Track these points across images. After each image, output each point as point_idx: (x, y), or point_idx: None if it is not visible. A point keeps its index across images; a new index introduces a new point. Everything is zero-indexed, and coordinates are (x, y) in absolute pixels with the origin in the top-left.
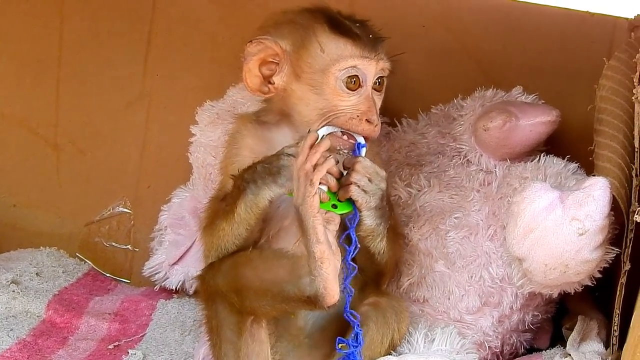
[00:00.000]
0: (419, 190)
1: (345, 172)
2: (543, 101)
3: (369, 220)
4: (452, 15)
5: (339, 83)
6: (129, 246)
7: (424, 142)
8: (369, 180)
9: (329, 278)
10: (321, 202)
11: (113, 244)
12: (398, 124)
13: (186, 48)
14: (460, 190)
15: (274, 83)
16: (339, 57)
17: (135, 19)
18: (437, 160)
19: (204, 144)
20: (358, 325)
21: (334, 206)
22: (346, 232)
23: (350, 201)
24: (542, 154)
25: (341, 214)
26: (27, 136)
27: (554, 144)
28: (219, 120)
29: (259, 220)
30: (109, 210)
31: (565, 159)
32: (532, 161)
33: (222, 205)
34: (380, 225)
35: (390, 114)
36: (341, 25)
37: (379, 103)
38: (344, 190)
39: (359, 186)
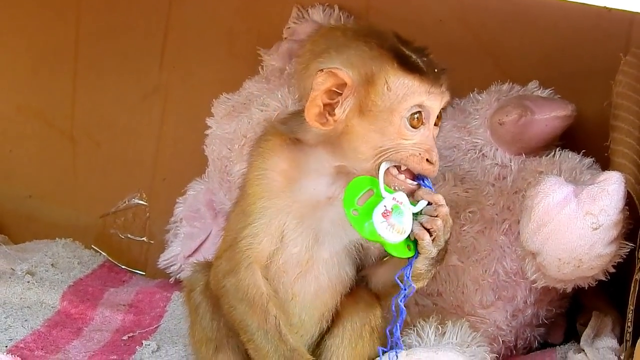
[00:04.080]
0: (433, 184)
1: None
2: (559, 96)
3: (422, 265)
4: (469, 10)
5: (404, 121)
6: (144, 238)
7: (439, 136)
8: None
9: None
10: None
11: (128, 235)
12: None
13: (202, 41)
14: (475, 184)
15: (335, 115)
16: (406, 95)
17: (152, 12)
18: (453, 154)
19: (220, 137)
20: None
21: (409, 247)
22: (401, 270)
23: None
24: (558, 149)
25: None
26: (43, 128)
27: (570, 139)
28: (234, 113)
29: None
30: (125, 202)
31: (581, 154)
32: (547, 156)
33: None
34: (430, 272)
35: None
36: (409, 60)
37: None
38: (420, 233)
39: (433, 234)
